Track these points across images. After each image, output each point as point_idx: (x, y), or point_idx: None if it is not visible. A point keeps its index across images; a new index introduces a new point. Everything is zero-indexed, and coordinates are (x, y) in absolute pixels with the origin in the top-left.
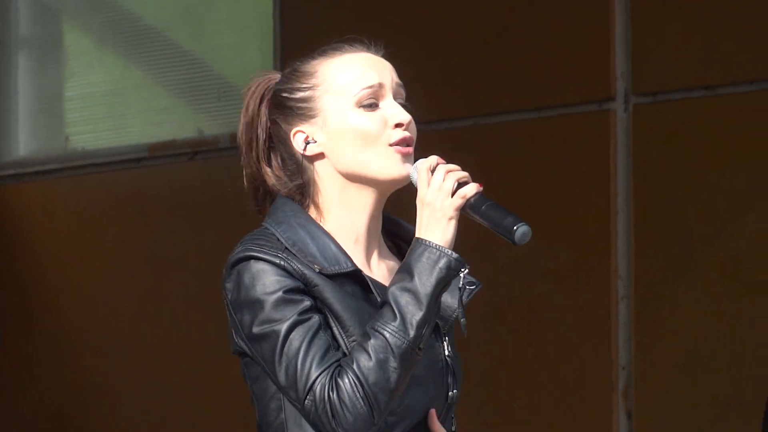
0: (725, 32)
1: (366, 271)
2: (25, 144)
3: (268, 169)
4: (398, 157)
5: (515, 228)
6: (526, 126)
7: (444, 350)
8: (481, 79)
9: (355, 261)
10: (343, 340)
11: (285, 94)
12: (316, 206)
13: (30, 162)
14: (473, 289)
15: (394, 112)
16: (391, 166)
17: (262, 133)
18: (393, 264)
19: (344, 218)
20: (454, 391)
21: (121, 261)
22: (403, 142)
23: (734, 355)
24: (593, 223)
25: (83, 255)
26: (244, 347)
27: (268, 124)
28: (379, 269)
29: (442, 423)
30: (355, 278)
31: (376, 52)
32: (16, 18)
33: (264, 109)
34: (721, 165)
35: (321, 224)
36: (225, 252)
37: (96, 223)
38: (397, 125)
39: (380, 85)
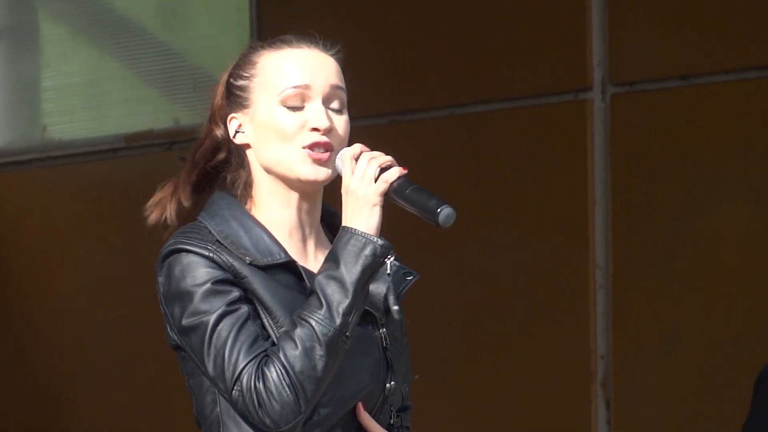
0: (701, 22)
1: (302, 263)
2: (1, 134)
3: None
4: (309, 160)
5: (439, 210)
6: (503, 116)
7: (381, 341)
8: (457, 69)
9: (289, 252)
10: (273, 330)
11: (231, 79)
12: (251, 198)
13: (7, 152)
14: (410, 280)
15: (314, 116)
16: (300, 167)
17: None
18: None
19: (275, 211)
20: (392, 383)
21: (98, 250)
22: (316, 146)
23: (711, 343)
24: (571, 212)
25: (60, 245)
26: (177, 340)
27: (222, 102)
28: (317, 262)
29: (377, 415)
30: (289, 269)
31: (324, 50)
32: None
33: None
34: (697, 154)
35: (256, 216)
36: None
37: (73, 213)
38: (314, 129)
39: (306, 87)
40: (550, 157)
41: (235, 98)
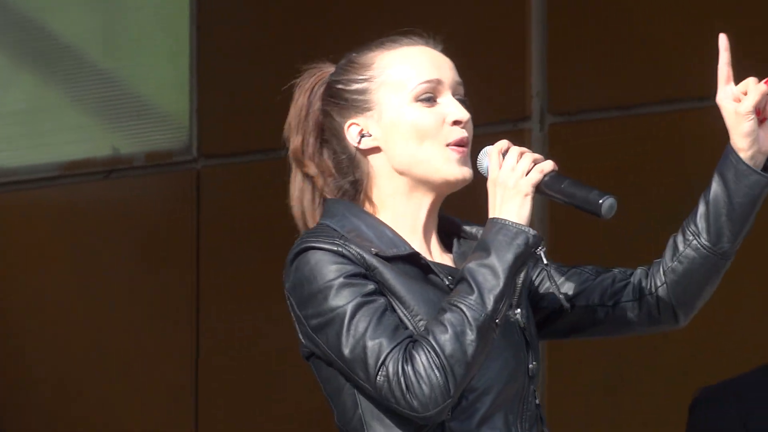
0: (640, 53)
1: (424, 255)
2: None
3: (323, 164)
4: (455, 157)
5: (601, 201)
6: None
7: (518, 323)
8: None
9: (412, 246)
10: (410, 321)
11: (340, 86)
12: (371, 201)
13: None
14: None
15: (452, 109)
16: (446, 167)
17: (315, 128)
18: (449, 259)
19: (400, 212)
20: (534, 363)
21: (37, 277)
22: (460, 142)
23: (652, 372)
24: None
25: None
26: (311, 345)
27: (321, 117)
28: (436, 257)
29: (525, 398)
30: (413, 262)
31: (434, 47)
32: None
33: (317, 102)
34: (636, 184)
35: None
36: (137, 270)
37: (12, 240)
38: (455, 122)
39: (439, 81)
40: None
41: (351, 103)
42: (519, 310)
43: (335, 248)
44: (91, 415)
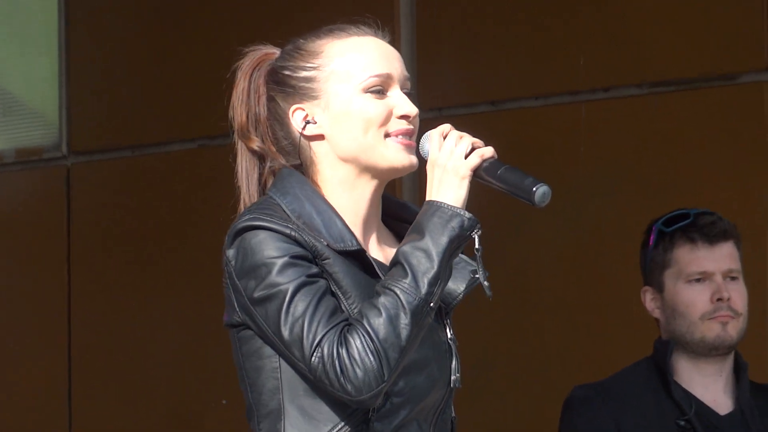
0: (510, 48)
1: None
2: None
3: (267, 145)
4: (400, 146)
5: (535, 189)
6: None
7: (447, 334)
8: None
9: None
10: (350, 314)
11: (287, 72)
12: (316, 185)
13: None
14: (474, 281)
15: (401, 102)
16: (392, 154)
17: (263, 110)
18: (392, 249)
19: (342, 200)
20: (457, 375)
21: None
22: (405, 133)
23: (524, 372)
24: None
25: None
26: (245, 317)
27: (265, 100)
28: (378, 253)
29: (443, 409)
30: (358, 257)
31: (383, 38)
32: None
33: (260, 86)
34: None
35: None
36: (8, 267)
37: None
38: (403, 116)
39: (389, 76)
40: None
41: (297, 90)
42: (448, 319)
43: (287, 231)
44: None
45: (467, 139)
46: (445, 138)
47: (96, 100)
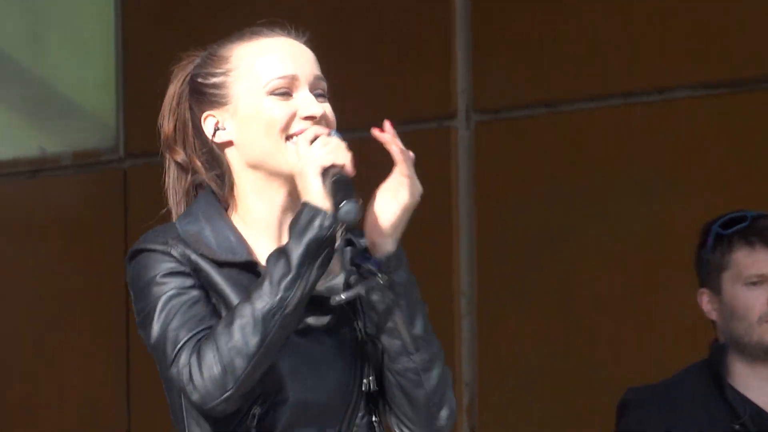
0: (566, 49)
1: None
2: None
3: (191, 156)
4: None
5: (340, 206)
6: (365, 144)
7: (357, 333)
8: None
9: (263, 250)
10: None
11: (200, 79)
12: (232, 196)
13: None
14: (370, 280)
15: (306, 104)
16: (293, 159)
17: (184, 118)
18: None
19: (256, 208)
20: (371, 378)
21: None
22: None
23: (573, 371)
24: (436, 240)
25: None
26: (143, 339)
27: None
28: None
29: (353, 414)
30: (251, 270)
31: (297, 38)
32: None
33: (186, 93)
34: (561, 182)
35: (234, 215)
36: (66, 270)
37: None
38: (307, 118)
39: (294, 77)
40: None
41: (208, 97)
42: (360, 322)
43: (164, 248)
44: (20, 415)
45: (324, 143)
46: (311, 143)
47: (152, 102)
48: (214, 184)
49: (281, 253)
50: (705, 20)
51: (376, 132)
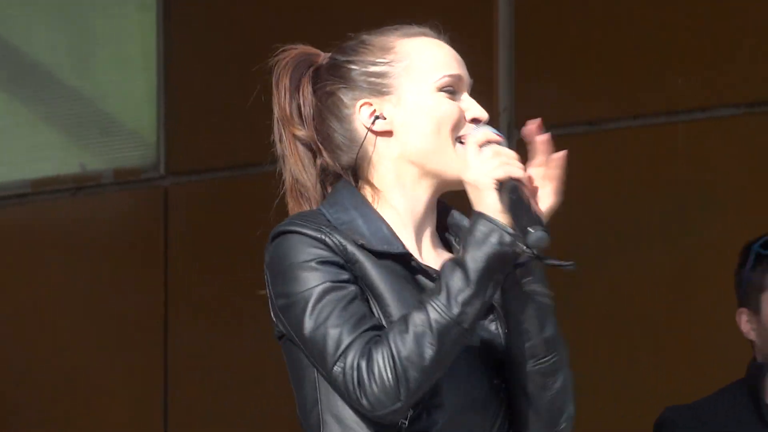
0: (608, 69)
1: (416, 257)
2: None
3: (316, 140)
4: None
5: (530, 231)
6: None
7: (501, 337)
8: None
9: (405, 246)
10: (382, 319)
11: (353, 66)
12: (371, 186)
13: None
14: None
15: (472, 106)
16: (459, 165)
17: (308, 107)
18: (442, 253)
19: (398, 202)
20: (502, 384)
21: (5, 296)
22: None
23: (614, 390)
24: None
25: None
26: (279, 324)
27: (314, 95)
28: (436, 259)
29: (501, 422)
30: (403, 262)
31: (446, 42)
32: None
33: (306, 82)
34: (603, 200)
35: (378, 207)
36: (106, 287)
37: None
38: (474, 120)
39: (460, 77)
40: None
41: (363, 84)
42: (496, 324)
43: (318, 235)
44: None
45: (502, 154)
46: (481, 148)
47: (194, 120)
48: (344, 173)
49: (457, 264)
50: (748, 40)
51: (530, 128)
